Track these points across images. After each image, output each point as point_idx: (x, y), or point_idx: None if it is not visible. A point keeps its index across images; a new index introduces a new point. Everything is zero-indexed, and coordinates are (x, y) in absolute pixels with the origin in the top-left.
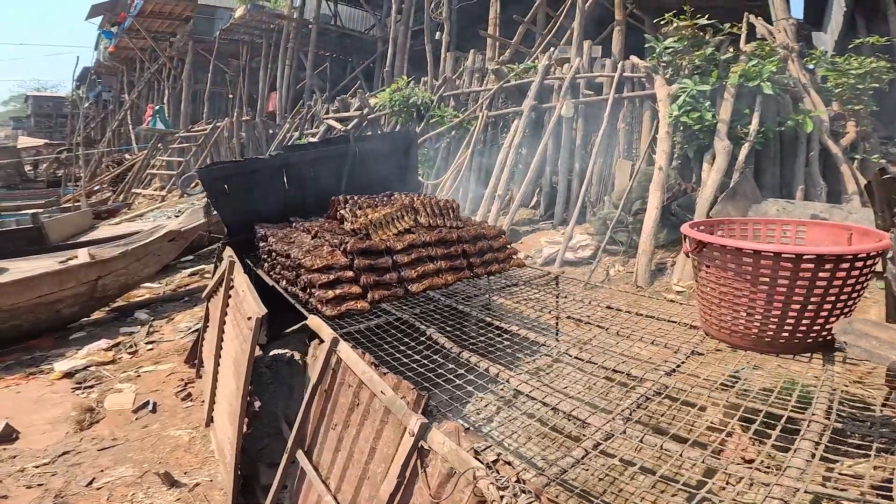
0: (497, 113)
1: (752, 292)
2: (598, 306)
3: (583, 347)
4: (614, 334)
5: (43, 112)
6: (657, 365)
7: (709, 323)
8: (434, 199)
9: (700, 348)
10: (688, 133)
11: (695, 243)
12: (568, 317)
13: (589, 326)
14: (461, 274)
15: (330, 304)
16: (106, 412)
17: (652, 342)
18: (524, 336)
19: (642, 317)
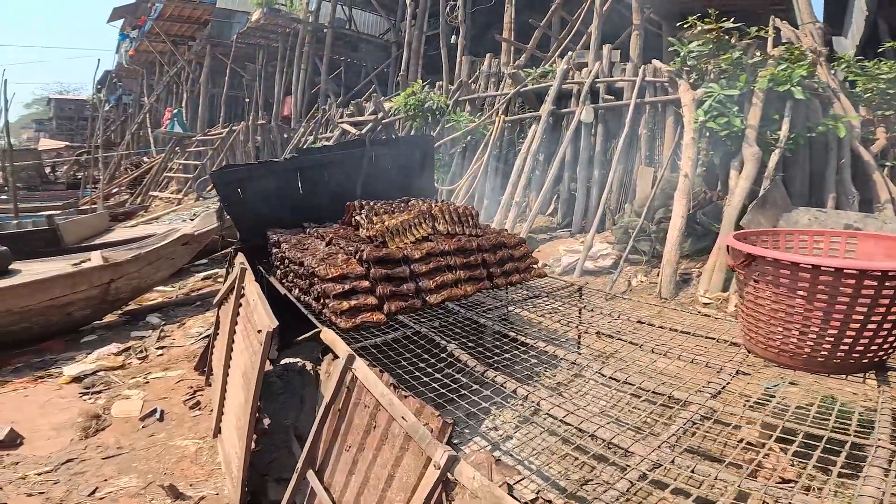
0: (514, 118)
1: (806, 310)
2: (627, 320)
3: (616, 366)
4: (648, 351)
5: (65, 115)
6: (701, 386)
7: (754, 341)
8: (453, 205)
9: (744, 367)
10: (714, 139)
11: (743, 256)
12: (597, 332)
13: (621, 343)
14: (481, 284)
15: (344, 315)
16: (112, 419)
17: (692, 361)
18: (552, 353)
19: (677, 332)
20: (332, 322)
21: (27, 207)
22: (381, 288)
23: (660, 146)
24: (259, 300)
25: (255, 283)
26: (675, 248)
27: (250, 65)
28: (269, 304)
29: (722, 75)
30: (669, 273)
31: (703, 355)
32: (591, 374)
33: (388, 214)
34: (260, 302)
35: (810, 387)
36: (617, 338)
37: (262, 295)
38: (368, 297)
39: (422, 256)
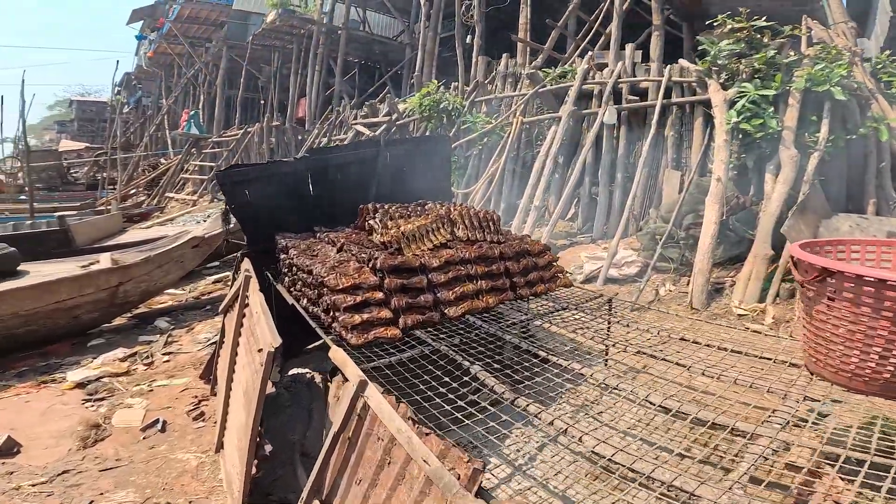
0: (532, 119)
1: (891, 332)
2: (668, 337)
3: (665, 393)
4: (699, 374)
5: (86, 116)
6: (767, 415)
7: (821, 363)
8: (473, 209)
9: (811, 393)
10: (747, 141)
11: (816, 271)
12: (638, 351)
13: (666, 364)
14: (503, 295)
15: (356, 330)
16: (113, 429)
17: (750, 385)
18: (589, 377)
19: (726, 352)
20: (342, 337)
21: (45, 208)
22: (396, 300)
23: (687, 149)
24: (262, 313)
25: (259, 293)
26: (708, 255)
27: (266, 66)
28: (276, 312)
29: (755, 75)
30: (701, 282)
31: (762, 379)
32: (639, 400)
33: (403, 219)
34: (263, 316)
35: None
36: (661, 358)
37: (266, 307)
38: (382, 311)
39: (440, 265)
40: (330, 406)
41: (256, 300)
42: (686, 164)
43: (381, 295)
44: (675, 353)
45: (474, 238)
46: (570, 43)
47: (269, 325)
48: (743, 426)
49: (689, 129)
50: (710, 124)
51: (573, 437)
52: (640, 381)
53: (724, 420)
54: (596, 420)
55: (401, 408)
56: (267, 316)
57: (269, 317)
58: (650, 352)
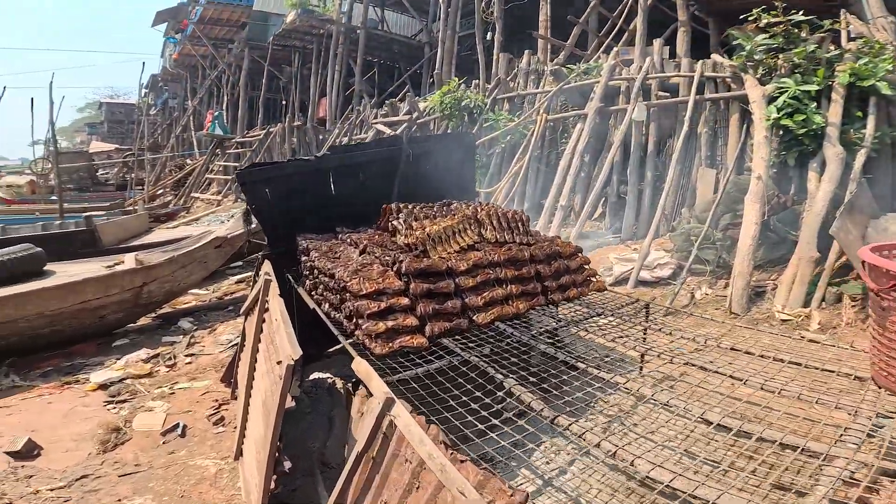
0: (557, 116)
1: None
2: (717, 347)
3: (724, 409)
4: (757, 388)
5: (115, 118)
6: (839, 434)
7: (894, 378)
8: (501, 209)
9: (883, 409)
10: (787, 138)
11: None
12: (686, 363)
13: (720, 378)
14: (534, 301)
15: (380, 339)
16: (133, 433)
17: (816, 401)
18: (636, 393)
19: (784, 363)
20: (366, 346)
21: (75, 208)
22: (422, 306)
23: (722, 146)
24: (282, 322)
25: (279, 298)
26: (749, 257)
27: (286, 67)
28: (297, 316)
29: (795, 70)
30: (742, 286)
31: (828, 394)
32: (694, 420)
33: (429, 219)
34: (283, 324)
35: None
36: (715, 371)
37: (287, 315)
38: (408, 317)
39: (468, 268)
40: (353, 420)
41: (276, 306)
42: (721, 161)
43: (406, 301)
44: (727, 364)
45: (503, 240)
46: (592, 40)
47: (289, 336)
48: (816, 447)
49: (723, 126)
50: (746, 121)
51: (624, 461)
52: (693, 395)
53: (793, 440)
54: (648, 439)
55: (432, 430)
56: (287, 324)
57: (290, 325)
58: (700, 364)
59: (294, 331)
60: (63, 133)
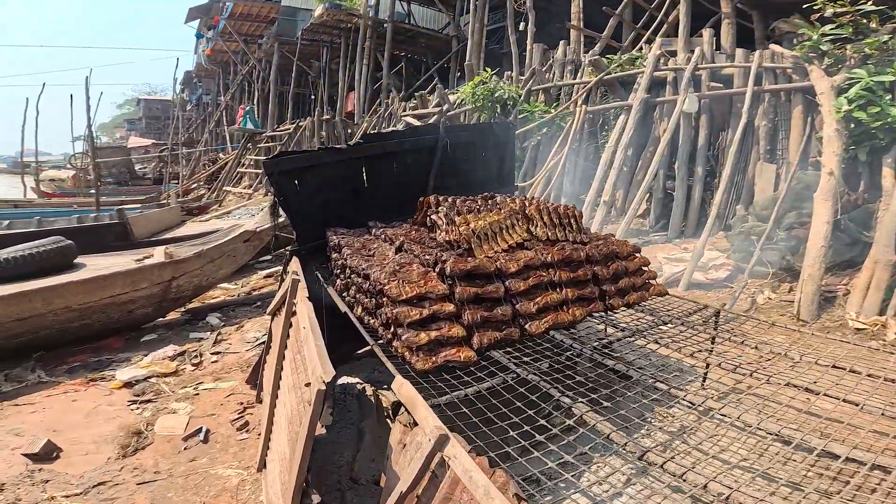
0: (597, 108)
1: None
2: (815, 364)
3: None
4: (837, 402)
5: (152, 114)
6: None
7: None
8: (551, 204)
9: None
10: (857, 131)
11: None
12: (787, 383)
13: (793, 390)
14: (591, 306)
15: (422, 352)
16: (154, 437)
17: None
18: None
19: (860, 375)
20: (405, 360)
21: (113, 201)
22: (469, 313)
23: (783, 139)
24: (311, 331)
25: (307, 302)
26: (820, 260)
27: (315, 62)
28: (327, 317)
29: (867, 61)
30: (812, 290)
31: None
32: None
33: (472, 214)
34: (312, 334)
35: None
36: (787, 383)
37: (316, 321)
38: (453, 327)
39: (519, 270)
40: (392, 451)
41: (304, 311)
42: (782, 156)
43: (451, 307)
44: (799, 375)
45: (554, 237)
46: (626, 32)
47: (319, 351)
48: None
49: (784, 119)
50: (811, 113)
51: (694, 484)
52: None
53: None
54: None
55: (499, 477)
56: (317, 335)
57: (320, 336)
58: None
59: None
60: (103, 129)
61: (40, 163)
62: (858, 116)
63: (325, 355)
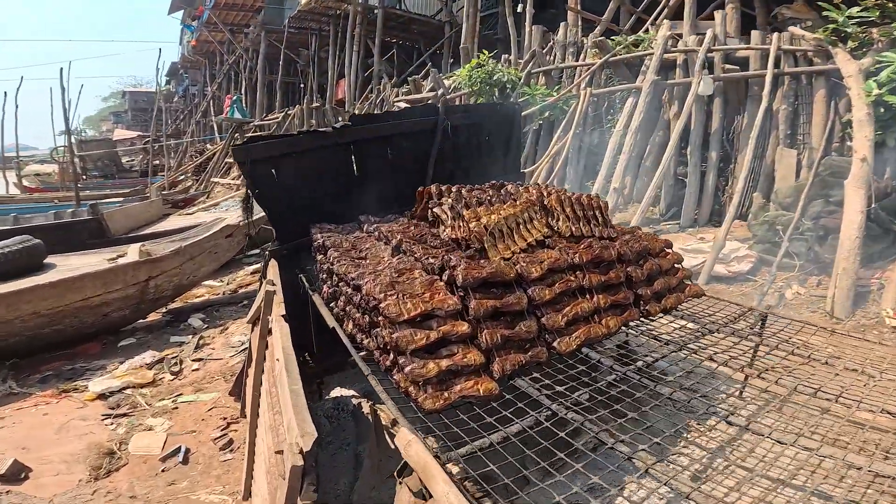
0: (602, 91)
1: None
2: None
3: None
4: None
5: (138, 107)
6: None
7: None
8: (573, 194)
9: None
10: (886, 116)
11: None
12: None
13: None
14: (626, 314)
15: (431, 386)
16: (129, 457)
17: None
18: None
19: None
20: (410, 395)
21: (96, 195)
22: (487, 334)
23: (804, 124)
24: (285, 366)
25: (283, 323)
26: (855, 253)
27: (304, 50)
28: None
29: None
30: (847, 285)
31: None
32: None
33: (483, 206)
34: (286, 373)
35: None
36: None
37: (291, 352)
38: (469, 351)
39: (542, 274)
40: None
41: (279, 336)
42: (803, 141)
43: (466, 328)
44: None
45: (578, 233)
46: (625, 15)
47: (294, 400)
48: None
49: (805, 103)
50: (835, 97)
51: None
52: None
53: None
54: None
55: None
56: (292, 372)
57: (297, 375)
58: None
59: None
60: (89, 122)
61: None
62: (889, 100)
63: (303, 408)
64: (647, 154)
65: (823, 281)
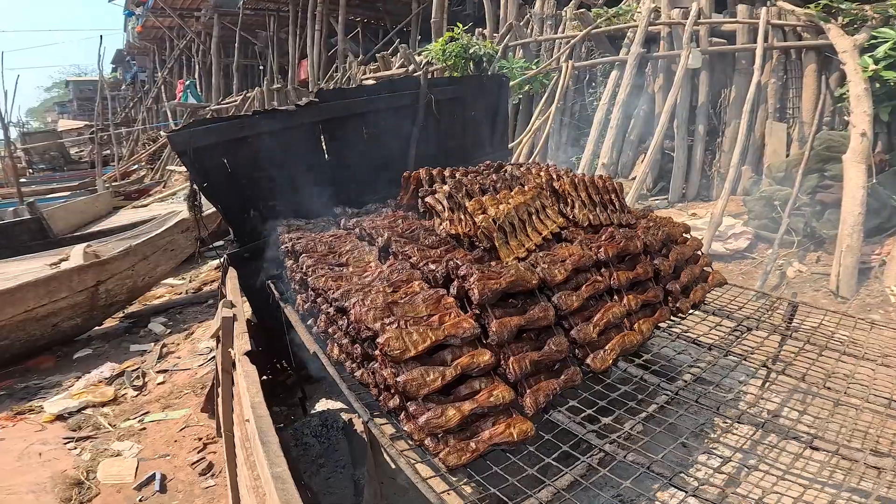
0: (585, 64)
1: None
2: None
3: None
4: None
5: (84, 96)
6: None
7: None
8: (586, 176)
9: None
10: (881, 91)
11: None
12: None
13: None
14: (657, 315)
15: (454, 438)
16: (100, 486)
17: None
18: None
19: None
20: (428, 449)
21: (41, 190)
22: (515, 362)
23: (794, 98)
24: (259, 431)
25: (250, 367)
26: (858, 229)
27: (261, 32)
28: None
29: (890, 21)
30: (851, 263)
31: None
32: None
33: (488, 195)
34: (260, 443)
35: None
36: None
37: (266, 414)
38: (495, 386)
39: (567, 277)
40: None
41: (246, 387)
42: (792, 115)
43: (488, 358)
44: None
45: (597, 221)
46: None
47: (283, 498)
48: None
49: (795, 77)
50: (825, 72)
51: None
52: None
53: None
54: None
55: None
56: (272, 454)
57: (279, 454)
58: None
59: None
60: (33, 114)
61: None
62: (886, 76)
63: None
64: (631, 128)
65: (822, 257)
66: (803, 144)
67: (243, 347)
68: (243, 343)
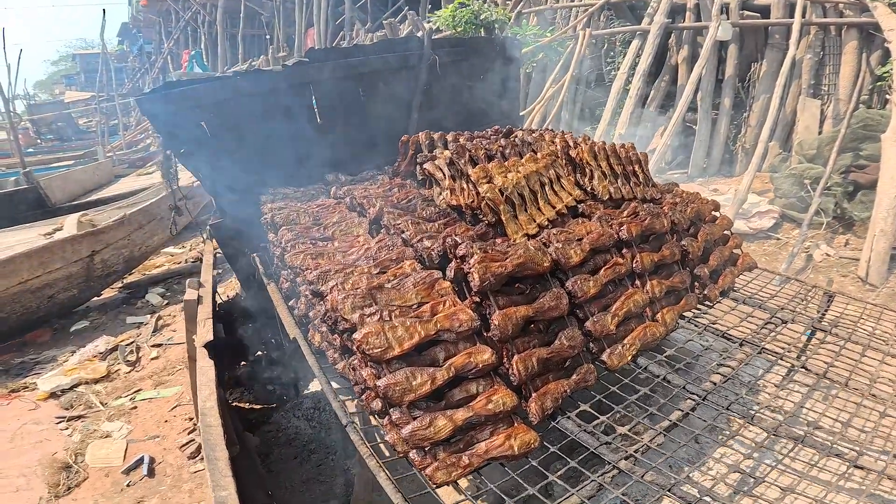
0: (603, 32)
1: None
2: None
3: None
4: None
5: (90, 68)
6: None
7: None
8: (607, 144)
9: None
10: None
11: None
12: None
13: None
14: (684, 303)
15: (442, 452)
16: (88, 470)
17: None
18: None
19: None
20: (413, 463)
21: (46, 159)
22: (519, 362)
23: (830, 74)
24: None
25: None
26: (893, 213)
27: (268, 1)
28: None
29: None
30: (883, 249)
31: None
32: None
33: (495, 161)
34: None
35: None
36: None
37: (217, 425)
38: (495, 390)
39: (583, 259)
40: None
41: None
42: (828, 92)
43: (489, 357)
44: None
45: (618, 195)
46: None
47: None
48: None
49: (834, 54)
50: (865, 50)
51: None
52: None
53: None
54: None
55: None
56: (217, 473)
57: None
58: None
59: None
60: (41, 86)
61: None
62: None
63: None
64: (650, 100)
65: (851, 241)
66: (837, 122)
67: (204, 337)
68: (205, 331)
